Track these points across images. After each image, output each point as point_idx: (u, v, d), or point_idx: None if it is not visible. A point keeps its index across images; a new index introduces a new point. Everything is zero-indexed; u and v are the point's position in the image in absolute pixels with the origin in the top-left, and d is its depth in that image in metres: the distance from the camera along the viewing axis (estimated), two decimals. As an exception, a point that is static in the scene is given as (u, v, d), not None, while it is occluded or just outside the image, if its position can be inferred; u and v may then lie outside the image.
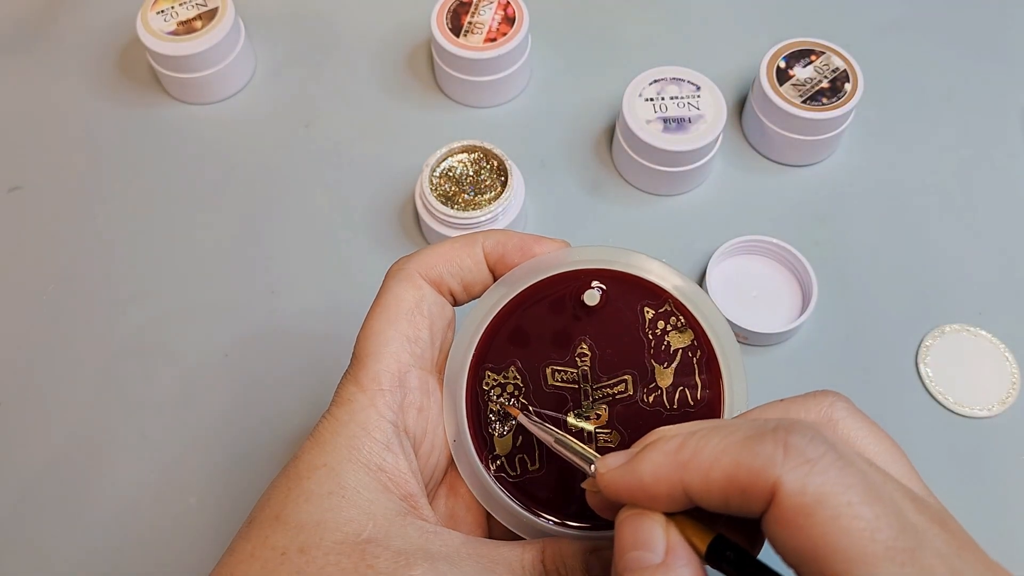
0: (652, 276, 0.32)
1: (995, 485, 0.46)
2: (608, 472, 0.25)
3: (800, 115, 0.53)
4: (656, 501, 0.24)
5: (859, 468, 0.22)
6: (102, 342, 0.50)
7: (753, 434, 0.23)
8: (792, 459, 0.21)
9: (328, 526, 0.27)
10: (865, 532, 0.20)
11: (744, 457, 0.22)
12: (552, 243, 0.33)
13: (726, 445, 0.23)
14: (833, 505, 0.21)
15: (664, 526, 0.24)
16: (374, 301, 0.31)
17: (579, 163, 0.57)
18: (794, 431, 0.22)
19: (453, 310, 0.33)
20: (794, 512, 0.21)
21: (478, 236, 0.33)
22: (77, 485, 0.46)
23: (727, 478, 0.22)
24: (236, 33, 0.57)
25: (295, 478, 0.28)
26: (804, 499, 0.21)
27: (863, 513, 0.21)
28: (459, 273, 0.32)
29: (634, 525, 0.24)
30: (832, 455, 0.21)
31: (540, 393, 0.31)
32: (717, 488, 0.23)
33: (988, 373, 0.49)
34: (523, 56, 0.57)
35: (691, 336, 0.31)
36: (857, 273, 0.52)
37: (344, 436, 0.28)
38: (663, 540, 0.24)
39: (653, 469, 0.24)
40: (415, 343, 0.31)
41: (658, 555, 0.24)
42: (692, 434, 0.24)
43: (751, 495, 0.22)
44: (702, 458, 0.23)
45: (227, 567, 0.27)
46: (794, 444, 0.22)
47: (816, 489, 0.21)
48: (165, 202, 0.55)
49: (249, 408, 0.48)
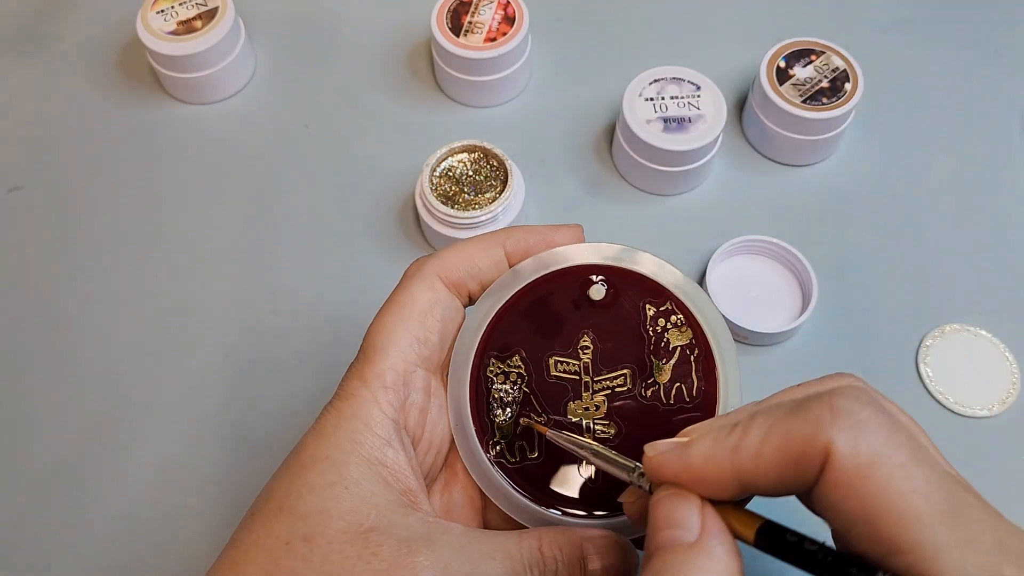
0: (655, 274, 0.33)
1: (995, 485, 0.45)
2: (657, 455, 0.25)
3: (800, 115, 0.53)
4: (703, 485, 0.24)
5: (907, 429, 0.22)
6: (102, 342, 0.50)
7: (799, 404, 0.22)
8: (842, 419, 0.21)
9: (332, 515, 0.27)
10: (918, 493, 0.20)
11: (793, 426, 0.22)
12: (568, 230, 0.34)
13: (773, 420, 0.23)
14: (886, 465, 0.21)
15: (699, 505, 0.24)
16: (389, 297, 0.32)
17: (579, 163, 0.57)
18: (839, 393, 0.22)
19: (464, 312, 0.34)
20: (848, 474, 0.21)
21: (499, 237, 0.33)
22: (77, 485, 0.46)
23: (779, 451, 0.22)
24: (236, 33, 0.57)
25: (298, 470, 0.28)
26: (857, 460, 0.21)
27: (915, 474, 0.20)
28: (479, 275, 0.33)
29: (669, 504, 0.24)
30: (881, 415, 0.21)
31: (542, 383, 0.32)
32: (770, 464, 0.22)
33: (988, 373, 0.49)
34: (523, 56, 0.57)
35: (690, 334, 0.32)
36: (857, 273, 0.52)
37: (346, 430, 0.29)
38: (698, 519, 0.24)
39: (705, 453, 0.24)
40: (424, 344, 0.31)
41: (692, 534, 0.23)
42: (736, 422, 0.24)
43: (805, 463, 0.22)
44: (752, 438, 0.23)
45: (231, 558, 0.27)
46: (841, 406, 0.22)
47: (868, 449, 0.21)
48: (165, 202, 0.55)
49: (249, 407, 0.48)
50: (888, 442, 0.21)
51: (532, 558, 0.28)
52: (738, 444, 0.23)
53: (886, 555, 0.21)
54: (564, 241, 0.33)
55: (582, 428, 0.32)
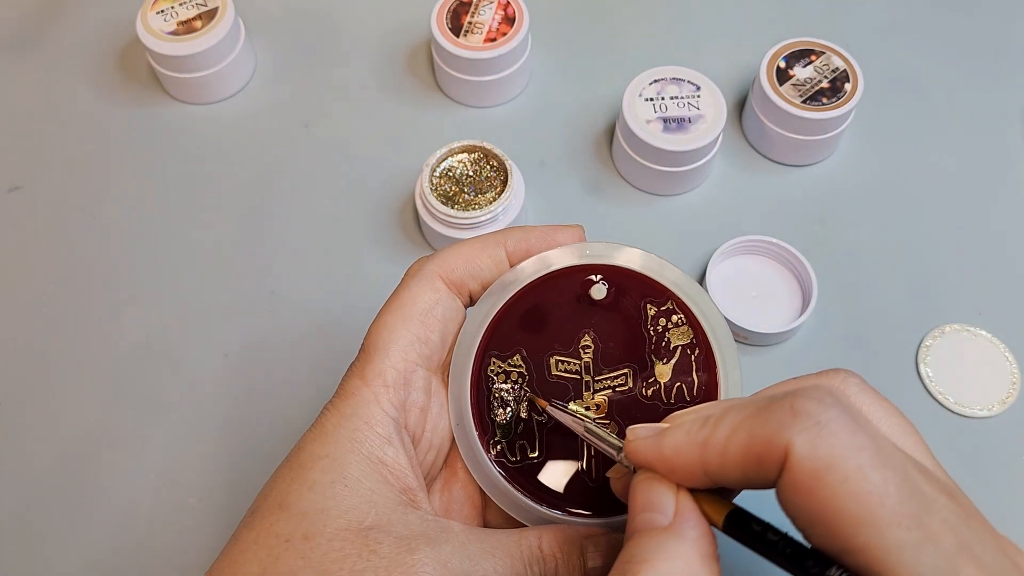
0: (655, 274, 0.33)
1: (995, 485, 0.46)
2: (635, 441, 0.26)
3: (800, 115, 0.53)
4: (675, 474, 0.25)
5: (869, 431, 0.22)
6: (102, 342, 0.50)
7: (765, 404, 0.23)
8: (801, 422, 0.22)
9: (332, 513, 0.27)
10: (874, 496, 0.20)
11: (756, 425, 0.22)
12: (569, 230, 0.34)
13: (740, 419, 0.23)
14: (842, 468, 0.21)
15: (675, 492, 0.25)
16: (390, 297, 0.32)
17: (579, 163, 0.57)
18: (802, 395, 0.22)
19: (465, 313, 0.34)
20: (805, 476, 0.21)
21: (499, 237, 0.33)
22: (78, 485, 0.46)
23: (742, 449, 0.23)
24: (236, 33, 0.57)
25: (298, 468, 0.28)
26: (815, 463, 0.21)
27: (872, 477, 0.21)
28: (480, 275, 0.33)
29: (646, 488, 0.25)
30: (843, 418, 0.22)
31: (543, 382, 0.32)
32: (734, 462, 0.23)
33: (988, 373, 0.49)
34: (523, 56, 0.57)
35: (691, 334, 0.32)
36: (857, 273, 0.52)
37: (347, 429, 0.29)
38: (672, 503, 0.25)
39: (675, 445, 0.24)
40: (424, 344, 0.31)
41: (667, 517, 0.24)
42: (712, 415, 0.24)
43: (765, 463, 0.22)
44: (719, 435, 0.23)
45: (231, 555, 0.28)
46: (802, 408, 0.22)
47: (826, 452, 0.21)
48: (165, 202, 0.55)
49: (249, 407, 0.48)
50: (847, 444, 0.21)
51: (532, 556, 0.29)
52: (707, 439, 0.24)
53: (841, 554, 0.21)
54: (565, 241, 0.34)
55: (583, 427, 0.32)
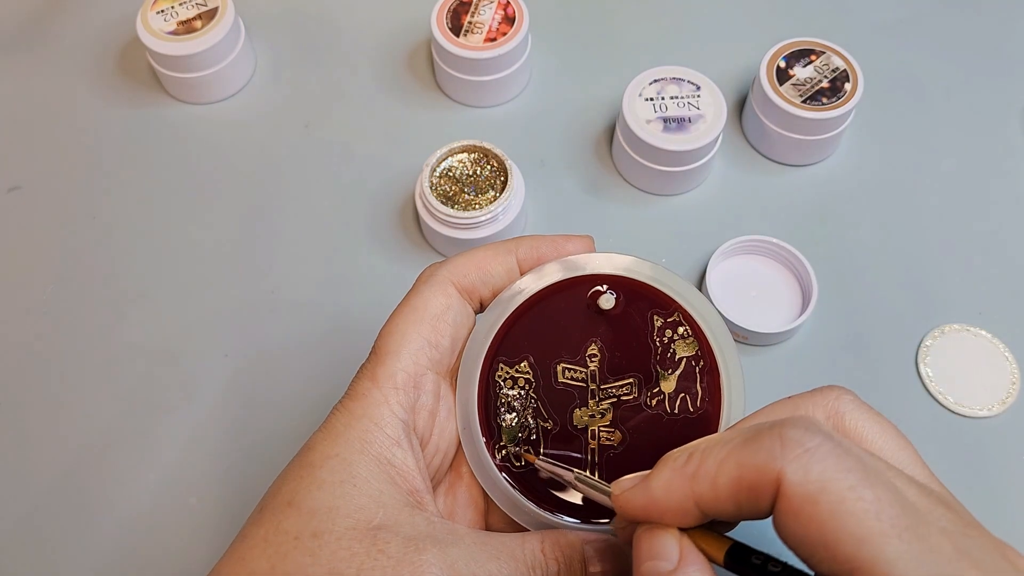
0: (661, 284, 0.34)
1: (995, 485, 0.46)
2: (623, 493, 0.26)
3: (800, 115, 0.53)
4: (669, 515, 0.25)
5: (855, 454, 0.22)
6: (102, 342, 0.50)
7: (751, 435, 0.24)
8: (791, 450, 0.22)
9: (340, 512, 0.27)
10: (869, 512, 0.21)
11: (745, 457, 0.23)
12: (580, 240, 0.35)
13: (728, 451, 0.24)
14: (835, 489, 0.21)
15: (677, 537, 0.25)
16: (402, 301, 0.32)
17: (579, 163, 0.57)
18: (788, 425, 0.23)
19: (475, 318, 0.34)
20: (800, 500, 0.22)
21: (511, 245, 0.34)
22: (78, 485, 0.46)
23: (734, 481, 0.23)
24: (236, 33, 0.57)
25: (307, 467, 0.29)
26: (808, 487, 0.22)
27: (865, 495, 0.21)
28: (491, 281, 0.33)
29: (649, 537, 0.26)
30: (829, 443, 0.22)
31: (549, 389, 0.33)
32: (726, 493, 0.23)
33: (988, 373, 0.49)
34: (523, 56, 0.57)
35: (696, 346, 0.33)
36: (857, 273, 0.52)
37: (357, 429, 0.29)
38: (676, 549, 0.25)
39: (664, 484, 0.25)
40: (435, 348, 0.32)
41: (672, 563, 0.25)
42: (696, 449, 0.25)
43: (758, 492, 0.23)
44: (708, 467, 0.24)
45: (239, 551, 0.28)
46: (790, 436, 0.23)
47: (818, 475, 0.22)
48: (165, 202, 0.55)
49: (249, 407, 0.48)
50: (837, 467, 0.22)
51: (534, 560, 0.29)
52: (695, 472, 0.24)
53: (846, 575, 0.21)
54: (575, 250, 0.34)
55: (587, 434, 0.32)
